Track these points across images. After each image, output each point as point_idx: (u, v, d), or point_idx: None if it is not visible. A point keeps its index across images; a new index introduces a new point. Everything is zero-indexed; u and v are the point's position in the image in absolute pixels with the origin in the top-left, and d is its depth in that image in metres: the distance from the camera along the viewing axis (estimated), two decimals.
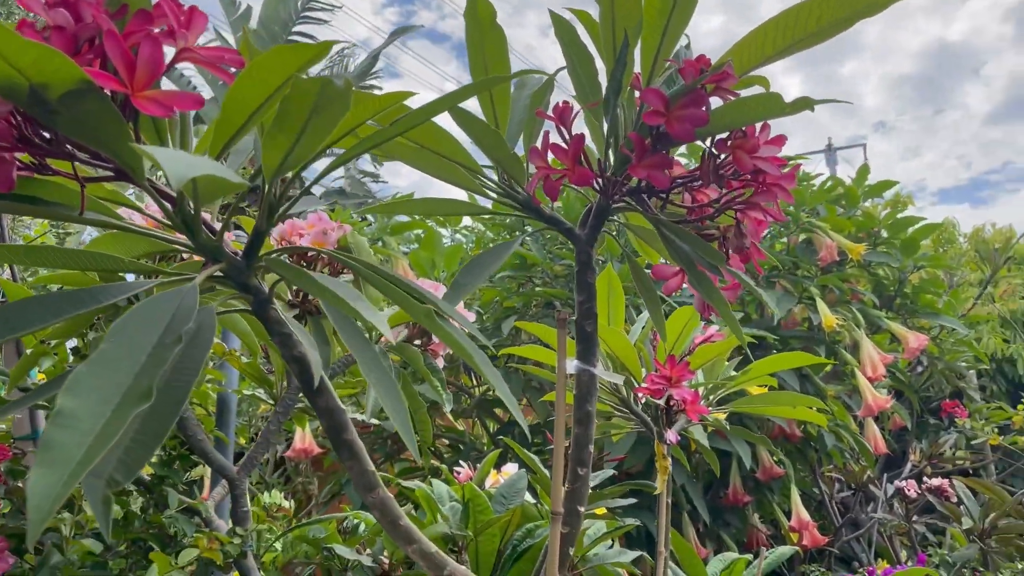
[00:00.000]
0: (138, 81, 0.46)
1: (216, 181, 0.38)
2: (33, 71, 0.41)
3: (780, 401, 1.26)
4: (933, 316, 2.80)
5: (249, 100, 0.49)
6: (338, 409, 0.64)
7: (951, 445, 3.91)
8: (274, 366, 1.42)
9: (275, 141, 0.50)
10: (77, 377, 0.40)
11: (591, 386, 0.80)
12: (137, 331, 0.45)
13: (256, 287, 0.59)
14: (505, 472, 1.79)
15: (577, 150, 0.70)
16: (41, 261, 0.58)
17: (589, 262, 0.79)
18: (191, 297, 0.49)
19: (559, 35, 0.78)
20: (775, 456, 2.54)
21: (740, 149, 0.69)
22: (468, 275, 0.71)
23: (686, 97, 0.67)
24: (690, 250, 0.77)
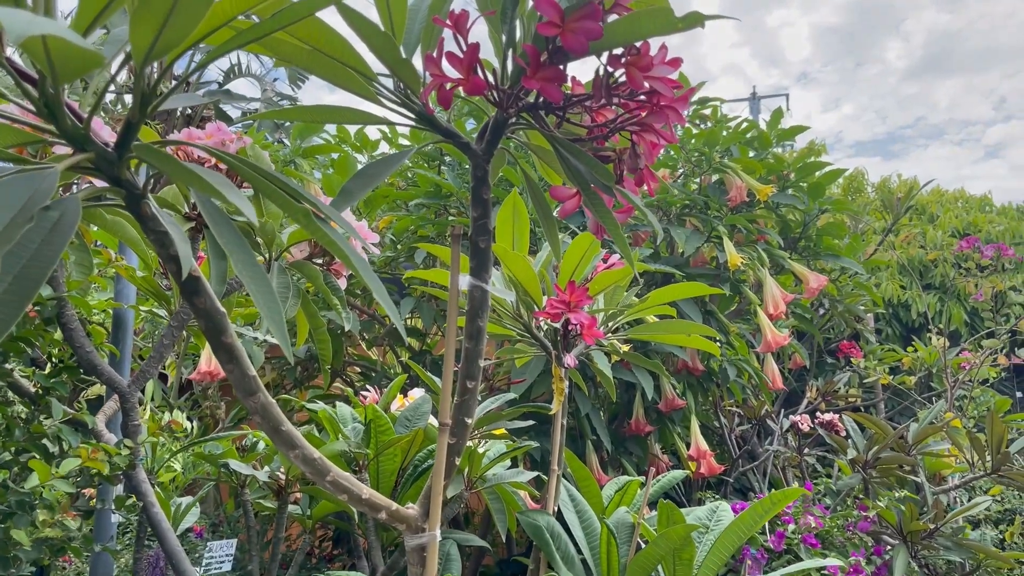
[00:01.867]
0: None
1: (68, 49, 0.36)
2: None
3: (675, 329, 1.30)
4: (835, 258, 2.91)
5: None
6: (217, 311, 0.63)
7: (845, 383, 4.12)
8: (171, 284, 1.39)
9: (142, 19, 0.48)
10: None
11: (483, 302, 0.80)
12: None
13: (128, 180, 0.57)
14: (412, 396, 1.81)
15: (472, 59, 0.69)
16: None
17: (485, 177, 0.79)
18: (49, 181, 0.47)
19: None
20: (677, 388, 2.63)
21: (633, 66, 0.69)
22: (356, 182, 0.70)
23: (581, 10, 0.66)
24: (584, 170, 0.77)
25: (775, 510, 1.36)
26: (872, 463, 2.48)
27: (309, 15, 0.58)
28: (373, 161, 0.72)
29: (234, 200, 0.46)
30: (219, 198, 0.48)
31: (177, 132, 1.12)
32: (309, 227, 0.54)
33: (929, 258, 5.15)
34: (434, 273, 1.36)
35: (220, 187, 0.46)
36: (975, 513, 2.17)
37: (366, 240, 1.21)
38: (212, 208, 0.54)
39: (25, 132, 0.62)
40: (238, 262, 0.53)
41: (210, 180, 0.46)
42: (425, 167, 2.66)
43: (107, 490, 1.10)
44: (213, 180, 0.47)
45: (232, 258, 0.53)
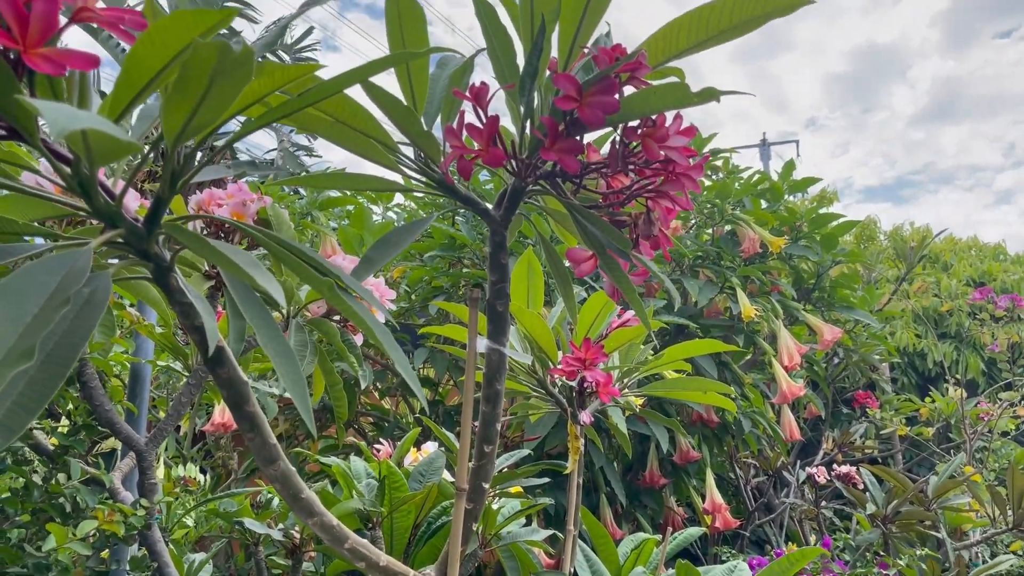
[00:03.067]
0: (31, 38, 0.45)
1: (106, 139, 0.38)
2: None
3: (691, 386, 1.30)
4: (848, 310, 2.91)
5: (149, 63, 0.48)
6: (239, 380, 0.63)
7: (861, 434, 4.08)
8: (189, 338, 1.40)
9: (176, 105, 0.50)
10: None
11: (500, 365, 0.81)
12: (24, 291, 0.44)
13: (157, 254, 0.58)
14: (425, 450, 1.80)
15: (491, 131, 0.70)
16: None
17: (503, 243, 0.80)
18: (83, 260, 0.48)
19: (479, 15, 0.78)
20: (692, 440, 2.61)
21: (649, 138, 0.71)
22: (379, 250, 0.71)
23: (598, 84, 0.68)
24: (601, 235, 0.78)
25: (794, 570, 1.34)
26: (892, 518, 2.44)
27: (337, 92, 0.60)
28: (395, 229, 0.73)
29: (264, 284, 0.47)
30: (248, 281, 0.49)
31: (197, 191, 1.15)
32: (333, 299, 0.55)
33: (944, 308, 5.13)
34: (449, 329, 1.37)
35: (249, 270, 0.47)
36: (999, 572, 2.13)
37: (384, 298, 1.23)
38: (237, 283, 0.55)
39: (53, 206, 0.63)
40: (261, 332, 0.54)
41: (239, 262, 0.47)
42: (439, 219, 2.69)
43: (122, 551, 1.10)
44: (242, 262, 0.48)
45: (257, 329, 0.53)
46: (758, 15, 0.72)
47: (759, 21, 0.73)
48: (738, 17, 0.72)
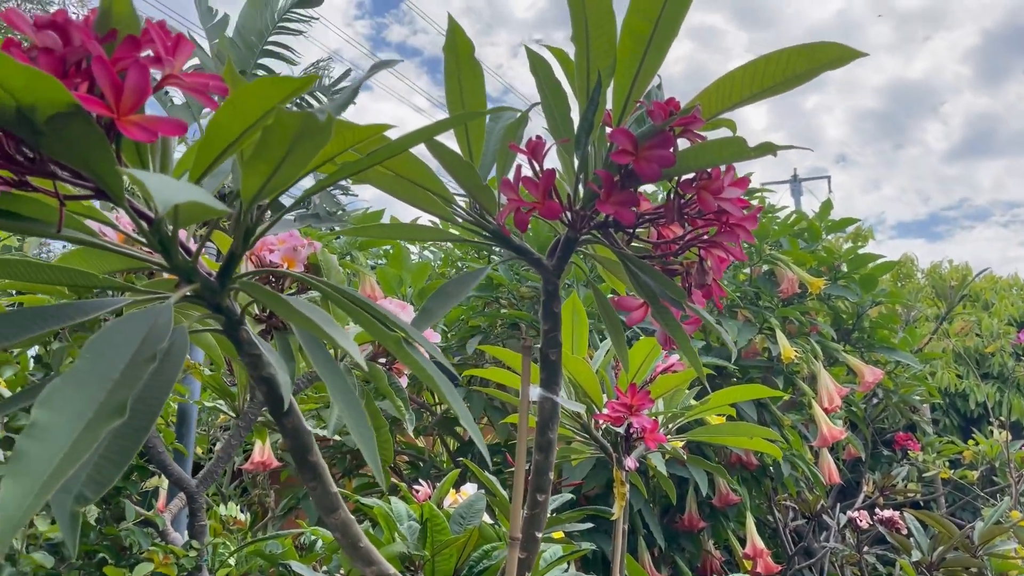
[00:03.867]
0: (124, 105, 0.47)
1: (199, 207, 0.39)
2: (23, 94, 0.42)
3: (738, 432, 1.29)
4: (889, 351, 2.87)
5: (231, 128, 0.50)
6: (304, 430, 0.65)
7: (903, 477, 3.99)
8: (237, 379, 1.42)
9: (255, 169, 0.52)
10: (52, 390, 0.41)
11: (553, 414, 0.81)
12: (111, 348, 0.46)
13: (228, 308, 0.60)
14: (464, 492, 1.80)
15: (548, 185, 0.72)
16: (16, 274, 0.59)
17: (555, 292, 0.81)
18: (165, 316, 0.49)
19: (534, 71, 0.80)
20: (731, 483, 2.57)
21: (705, 190, 0.72)
22: (437, 302, 0.72)
23: (654, 138, 0.69)
24: (654, 285, 0.79)
25: None
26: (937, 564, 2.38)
27: (404, 151, 0.61)
28: (452, 281, 0.75)
29: (344, 345, 0.48)
30: (327, 339, 0.50)
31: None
32: (400, 354, 0.56)
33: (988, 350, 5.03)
34: (492, 372, 1.37)
35: (328, 329, 0.49)
36: None
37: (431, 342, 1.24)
38: (309, 338, 0.56)
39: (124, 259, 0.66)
40: (331, 385, 0.55)
41: (318, 322, 0.49)
42: (475, 259, 2.71)
43: None
44: (320, 320, 0.49)
45: (327, 382, 0.55)
46: (811, 68, 0.73)
47: (812, 74, 0.74)
48: (791, 71, 0.73)
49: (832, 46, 0.72)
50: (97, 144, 0.46)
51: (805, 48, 0.72)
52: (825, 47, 0.72)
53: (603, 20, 0.71)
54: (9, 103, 0.43)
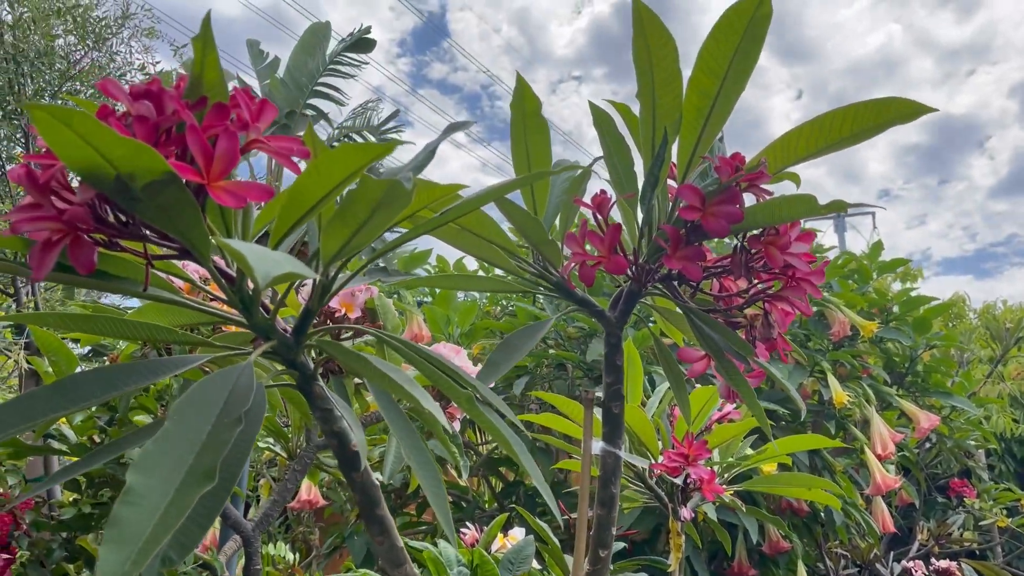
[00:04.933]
0: (214, 172, 0.48)
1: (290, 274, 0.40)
2: (123, 163, 0.44)
3: (796, 482, 1.27)
4: (945, 396, 2.80)
5: (314, 191, 0.51)
6: (373, 484, 0.65)
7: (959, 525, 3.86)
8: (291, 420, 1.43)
9: (336, 231, 0.53)
10: (145, 455, 0.42)
11: (616, 468, 0.81)
12: (197, 411, 0.47)
13: (303, 363, 0.60)
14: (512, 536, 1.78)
15: (614, 240, 0.72)
16: (99, 330, 0.60)
17: (618, 344, 0.81)
18: (247, 377, 0.50)
19: (598, 126, 0.81)
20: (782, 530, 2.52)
21: (772, 246, 0.71)
22: (503, 355, 0.73)
23: (722, 195, 0.70)
24: (718, 338, 0.78)
25: None
26: None
27: (476, 209, 0.62)
28: (516, 333, 0.75)
29: (428, 407, 0.49)
30: (408, 399, 0.51)
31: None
32: (472, 412, 0.56)
33: None
34: (547, 418, 1.37)
35: (409, 388, 0.49)
36: None
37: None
38: (384, 396, 0.57)
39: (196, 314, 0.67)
40: (403, 439, 0.55)
41: (399, 382, 0.49)
42: (519, 298, 2.72)
43: None
44: (401, 380, 0.50)
45: (403, 444, 0.55)
46: (879, 123, 0.73)
47: (880, 129, 0.74)
48: (859, 126, 0.73)
49: (901, 102, 0.71)
50: (188, 209, 0.48)
51: (874, 104, 0.72)
52: (894, 103, 0.71)
53: (670, 78, 0.71)
54: (109, 172, 0.45)
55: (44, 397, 0.49)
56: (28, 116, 2.91)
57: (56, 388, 0.50)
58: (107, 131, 0.42)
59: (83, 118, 0.41)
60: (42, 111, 0.40)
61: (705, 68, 0.70)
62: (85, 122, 0.41)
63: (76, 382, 0.50)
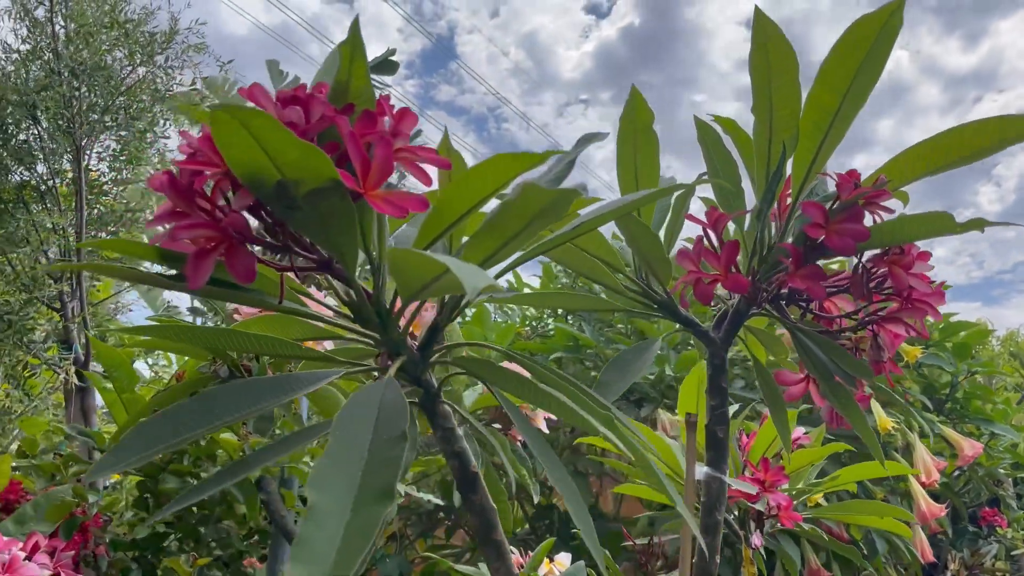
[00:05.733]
0: (370, 181, 0.47)
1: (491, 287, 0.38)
2: (291, 167, 0.42)
3: (867, 510, 1.24)
4: (986, 422, 2.75)
5: (462, 202, 0.50)
6: (491, 508, 0.63)
7: (992, 555, 3.79)
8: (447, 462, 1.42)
9: (481, 243, 0.51)
10: (319, 470, 0.40)
11: (721, 494, 0.78)
12: (356, 426, 0.45)
13: (427, 381, 0.59)
14: (559, 562, 1.75)
15: (731, 257, 0.70)
16: (219, 343, 0.59)
17: (723, 365, 0.79)
18: (394, 393, 0.48)
19: (702, 141, 0.80)
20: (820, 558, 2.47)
21: (896, 265, 0.69)
22: (614, 374, 0.71)
23: (845, 212, 0.68)
24: (827, 361, 0.76)
25: None
26: None
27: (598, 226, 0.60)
28: (627, 351, 0.73)
29: (602, 431, 0.46)
30: (579, 423, 0.49)
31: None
32: (615, 431, 0.54)
33: None
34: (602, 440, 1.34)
35: (580, 412, 0.47)
36: None
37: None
38: (519, 415, 0.55)
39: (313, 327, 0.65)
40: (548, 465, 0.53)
41: (571, 405, 0.47)
42: (559, 318, 2.69)
43: None
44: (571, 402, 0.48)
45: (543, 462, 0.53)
46: (999, 142, 0.71)
47: (1000, 147, 0.72)
48: (979, 144, 0.71)
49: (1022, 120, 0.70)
50: (346, 219, 0.46)
51: (996, 121, 0.70)
52: (1017, 120, 0.70)
53: (788, 92, 0.70)
54: (273, 177, 0.43)
55: (192, 411, 0.47)
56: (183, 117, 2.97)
57: (202, 402, 0.48)
58: (285, 133, 0.40)
59: (264, 119, 0.39)
60: (223, 112, 0.39)
61: (826, 84, 0.69)
62: (265, 123, 0.39)
63: (221, 396, 0.48)
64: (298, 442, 0.54)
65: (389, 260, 0.45)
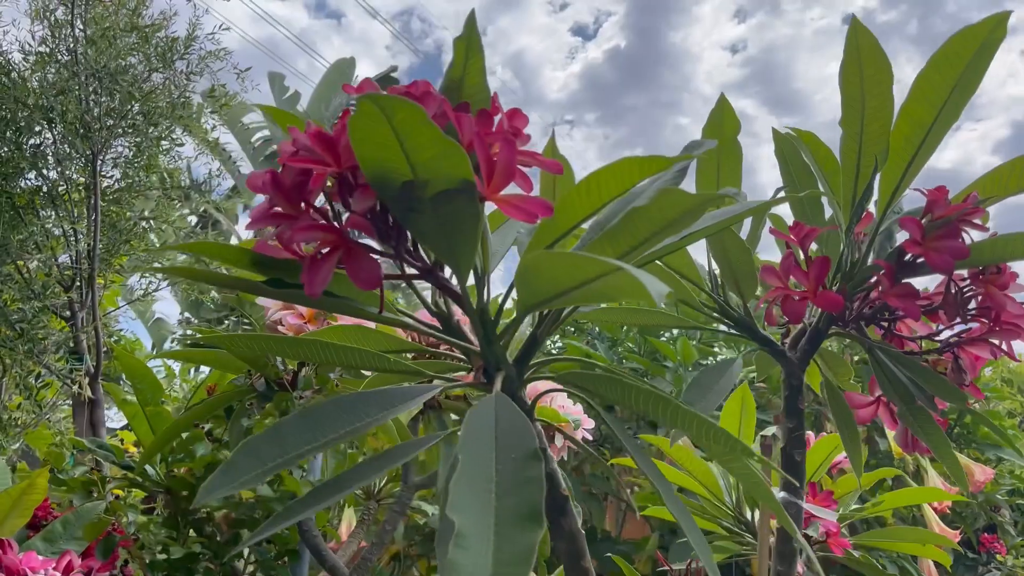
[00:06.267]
0: (494, 184, 0.44)
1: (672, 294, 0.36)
2: (425, 166, 0.40)
3: (909, 536, 1.21)
4: (995, 449, 2.74)
5: (584, 206, 0.47)
6: (579, 533, 0.59)
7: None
8: None
9: (600, 250, 0.48)
10: (456, 491, 0.37)
11: (797, 520, 0.75)
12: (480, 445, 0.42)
13: (522, 399, 0.56)
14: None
15: (822, 274, 0.67)
16: (304, 353, 0.55)
17: (800, 387, 0.76)
18: (508, 410, 0.45)
19: (780, 155, 0.77)
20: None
21: (992, 284, 0.67)
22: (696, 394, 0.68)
23: (943, 229, 0.65)
24: (908, 383, 0.74)
25: None
26: None
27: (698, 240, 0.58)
28: (707, 370, 0.70)
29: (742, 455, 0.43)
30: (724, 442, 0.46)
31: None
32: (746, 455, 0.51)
33: None
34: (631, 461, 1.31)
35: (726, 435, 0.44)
36: None
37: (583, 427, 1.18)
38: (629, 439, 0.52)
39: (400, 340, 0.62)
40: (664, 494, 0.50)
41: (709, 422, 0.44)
42: (574, 336, 2.66)
43: None
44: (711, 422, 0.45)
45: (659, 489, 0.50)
46: None
47: None
48: None
49: None
50: (470, 223, 0.43)
51: None
52: None
53: (881, 105, 0.68)
54: (402, 176, 0.40)
55: (296, 428, 0.44)
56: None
57: (305, 419, 0.45)
58: (430, 129, 0.37)
59: (410, 111, 0.36)
60: (370, 101, 0.36)
61: (922, 96, 0.67)
62: (410, 116, 0.36)
63: (322, 414, 0.45)
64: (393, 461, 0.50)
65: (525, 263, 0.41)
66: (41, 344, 1.53)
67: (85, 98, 1.61)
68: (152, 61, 1.80)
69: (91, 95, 1.64)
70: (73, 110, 1.56)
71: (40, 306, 1.55)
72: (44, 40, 1.79)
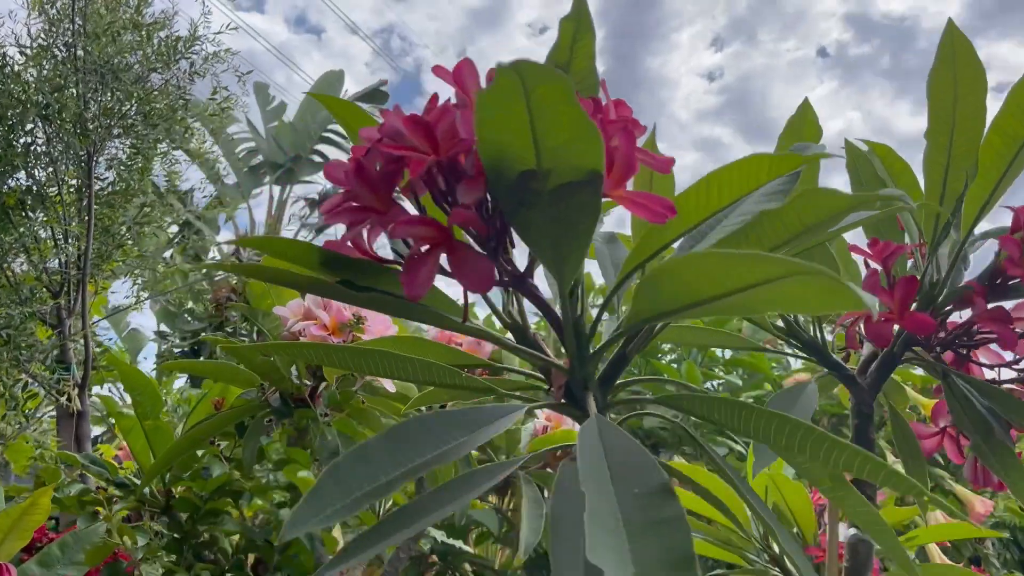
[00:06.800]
0: (616, 177, 0.39)
1: None
2: (553, 153, 0.34)
3: (949, 573, 1.16)
4: None
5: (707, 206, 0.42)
6: None
7: None
8: None
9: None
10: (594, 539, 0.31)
11: (869, 558, 0.70)
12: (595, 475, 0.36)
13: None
14: None
15: (909, 294, 0.63)
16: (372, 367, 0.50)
17: (871, 415, 0.71)
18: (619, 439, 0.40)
19: (851, 167, 0.73)
20: None
21: None
22: None
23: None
24: (987, 413, 0.69)
25: None
26: None
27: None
28: (779, 395, 0.65)
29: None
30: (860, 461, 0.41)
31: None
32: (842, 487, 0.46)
33: None
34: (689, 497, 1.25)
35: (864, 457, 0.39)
36: None
37: None
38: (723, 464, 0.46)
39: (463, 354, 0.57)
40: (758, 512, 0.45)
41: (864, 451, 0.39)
42: None
43: None
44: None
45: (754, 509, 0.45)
46: None
47: None
48: None
49: None
50: (588, 221, 0.38)
51: None
52: None
53: (973, 115, 0.64)
54: (524, 164, 0.35)
55: (385, 451, 0.38)
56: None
57: (392, 441, 0.39)
58: (572, 108, 0.32)
59: (557, 84, 0.31)
60: (512, 69, 0.30)
61: (1017, 111, 0.63)
62: (554, 90, 0.31)
63: (412, 434, 0.39)
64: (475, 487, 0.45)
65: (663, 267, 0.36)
66: (28, 352, 1.46)
67: (83, 95, 1.54)
68: (152, 60, 1.74)
69: (89, 92, 1.57)
70: (71, 107, 1.49)
71: (28, 312, 1.48)
72: (40, 34, 1.73)
